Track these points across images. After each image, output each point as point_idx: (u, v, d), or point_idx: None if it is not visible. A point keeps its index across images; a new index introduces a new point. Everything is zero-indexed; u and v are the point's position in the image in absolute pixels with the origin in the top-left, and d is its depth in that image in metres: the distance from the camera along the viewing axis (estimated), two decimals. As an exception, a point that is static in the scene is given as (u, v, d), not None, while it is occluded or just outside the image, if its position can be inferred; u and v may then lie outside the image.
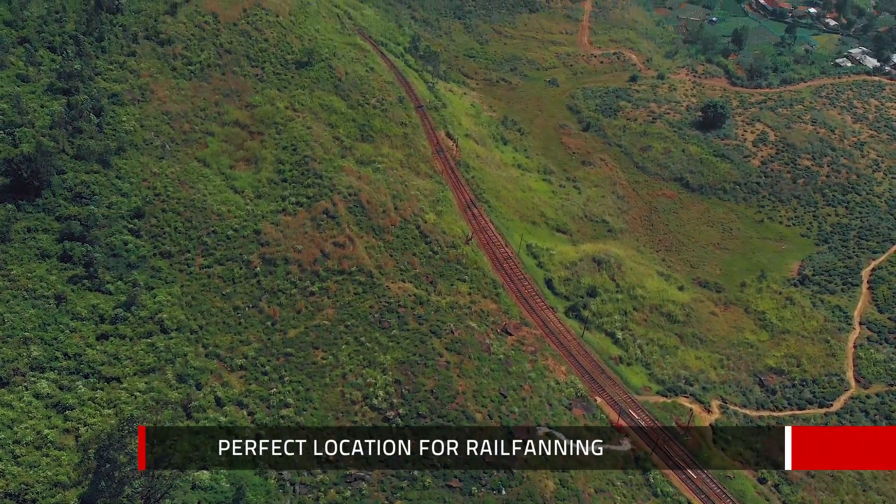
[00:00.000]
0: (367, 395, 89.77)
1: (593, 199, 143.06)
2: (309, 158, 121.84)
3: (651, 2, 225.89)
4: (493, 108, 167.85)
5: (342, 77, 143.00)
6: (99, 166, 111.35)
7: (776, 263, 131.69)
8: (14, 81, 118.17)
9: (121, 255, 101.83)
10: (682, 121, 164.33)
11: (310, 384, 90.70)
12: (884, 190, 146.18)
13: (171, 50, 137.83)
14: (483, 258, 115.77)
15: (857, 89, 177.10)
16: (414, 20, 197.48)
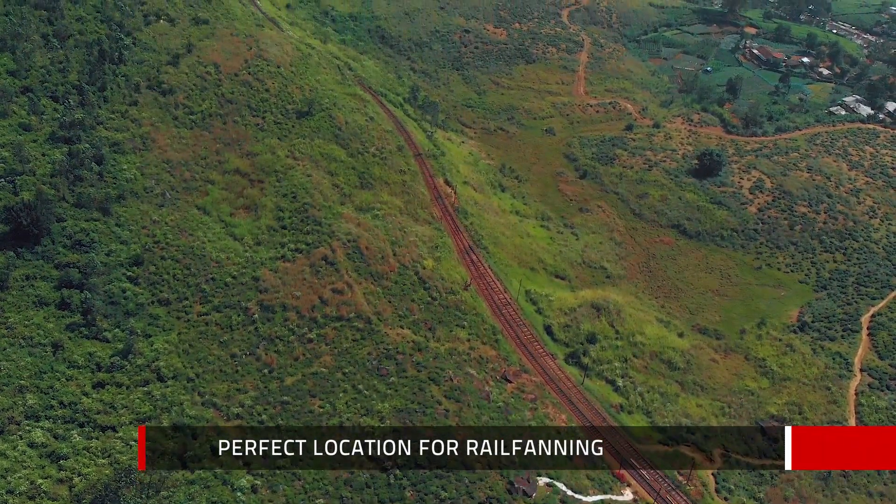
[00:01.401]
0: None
1: (591, 245, 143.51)
2: (308, 205, 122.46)
3: (646, 52, 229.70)
4: (491, 156, 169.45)
5: (342, 126, 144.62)
6: (99, 214, 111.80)
7: (775, 310, 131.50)
8: (16, 130, 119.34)
9: (119, 302, 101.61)
10: (679, 168, 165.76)
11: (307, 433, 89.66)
12: (881, 236, 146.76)
13: (172, 99, 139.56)
14: (482, 304, 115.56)
15: (851, 137, 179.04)
16: (413, 71, 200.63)
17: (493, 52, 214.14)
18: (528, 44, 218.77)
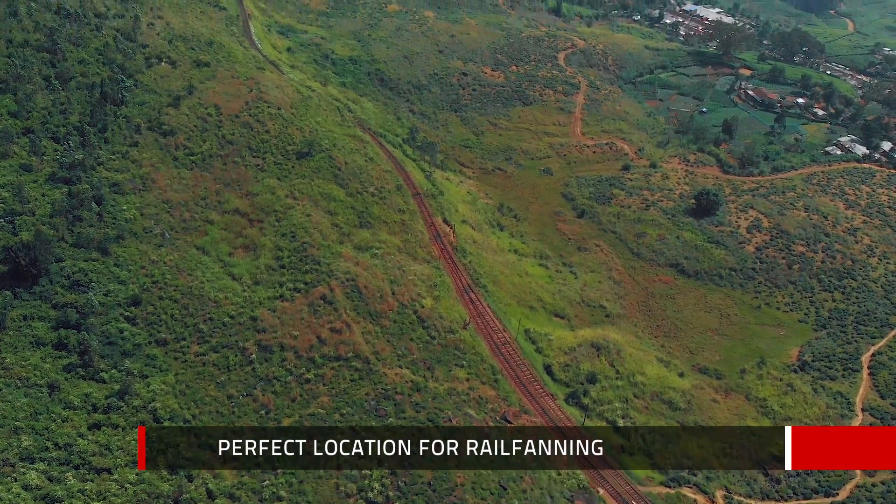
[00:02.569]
0: (362, 488, 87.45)
1: (590, 284, 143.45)
2: (307, 245, 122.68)
3: (642, 94, 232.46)
4: (489, 196, 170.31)
5: (342, 166, 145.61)
6: (98, 254, 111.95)
7: (775, 349, 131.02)
8: (17, 171, 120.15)
9: (116, 343, 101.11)
10: (676, 208, 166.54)
11: (303, 476, 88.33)
12: (879, 275, 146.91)
13: (173, 141, 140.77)
14: (481, 343, 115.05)
15: (847, 176, 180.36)
16: (412, 113, 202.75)
17: (491, 94, 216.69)
18: (526, 86, 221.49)
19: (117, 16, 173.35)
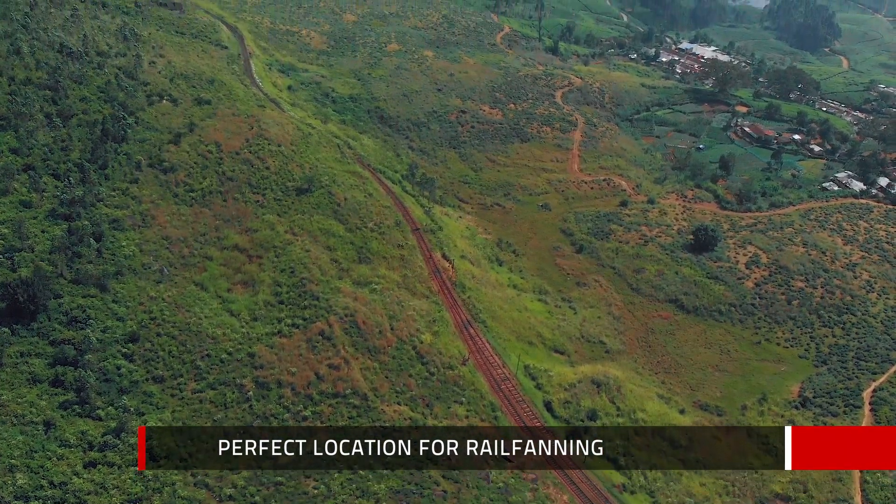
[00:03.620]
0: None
1: (589, 319, 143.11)
2: (306, 280, 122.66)
3: (639, 131, 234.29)
4: (488, 231, 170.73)
5: (341, 202, 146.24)
6: (96, 290, 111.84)
7: (776, 385, 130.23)
8: (16, 207, 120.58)
9: (113, 379, 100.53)
10: (674, 243, 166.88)
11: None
12: (879, 310, 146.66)
13: (173, 177, 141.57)
14: (480, 379, 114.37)
15: (845, 212, 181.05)
16: (411, 149, 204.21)
17: (489, 131, 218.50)
18: (523, 123, 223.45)
19: (119, 54, 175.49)
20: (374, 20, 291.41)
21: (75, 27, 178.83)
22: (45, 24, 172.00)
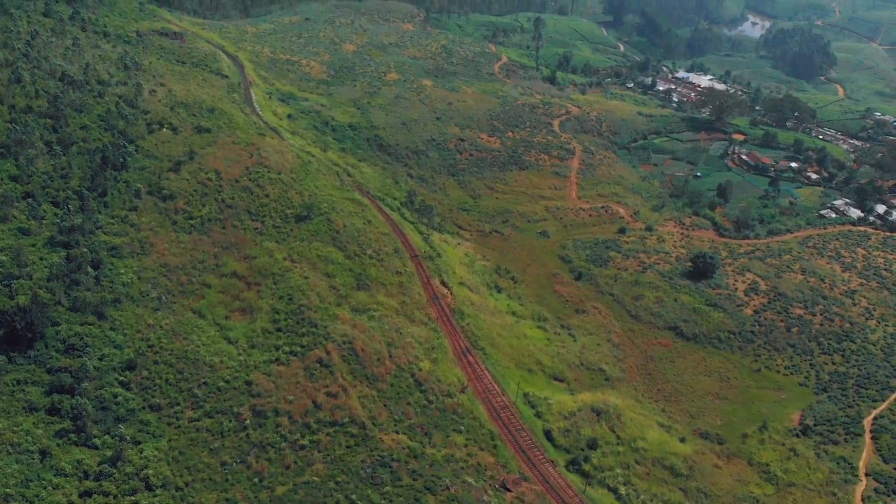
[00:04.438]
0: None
1: (589, 347, 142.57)
2: (305, 307, 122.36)
3: (636, 159, 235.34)
4: (487, 258, 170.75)
5: (340, 229, 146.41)
6: (94, 318, 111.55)
7: (776, 413, 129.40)
8: (16, 234, 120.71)
9: (110, 408, 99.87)
10: (673, 271, 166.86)
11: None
12: (878, 337, 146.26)
13: (172, 205, 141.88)
14: (479, 408, 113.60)
15: (843, 239, 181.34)
16: (410, 177, 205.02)
17: (488, 158, 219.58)
18: (521, 151, 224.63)
19: (120, 83, 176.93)
20: (374, 50, 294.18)
21: (76, 56, 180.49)
22: (47, 53, 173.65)
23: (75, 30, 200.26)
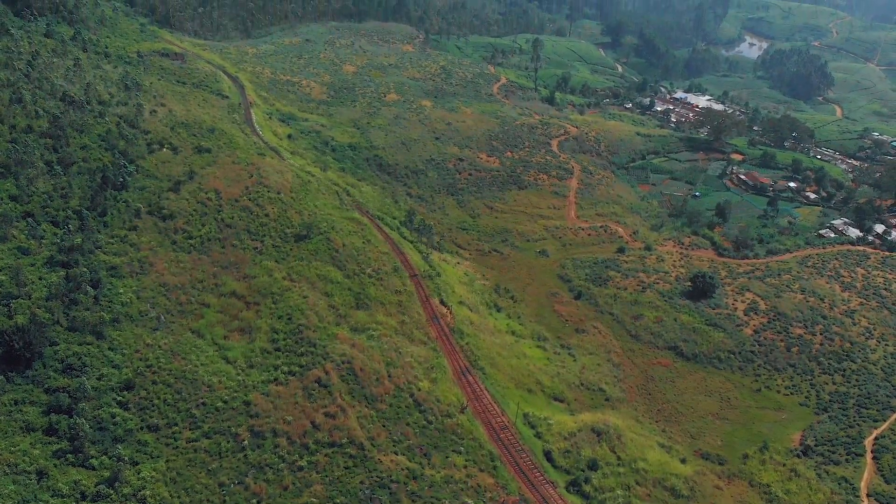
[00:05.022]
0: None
1: (589, 367, 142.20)
2: (303, 327, 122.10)
3: (635, 178, 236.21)
4: (486, 277, 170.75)
5: (339, 248, 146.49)
6: (92, 338, 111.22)
7: (777, 434, 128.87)
8: (14, 254, 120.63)
9: (107, 428, 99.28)
10: (672, 290, 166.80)
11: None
12: (878, 357, 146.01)
13: (172, 224, 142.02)
14: (479, 428, 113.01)
15: (842, 259, 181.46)
16: (409, 196, 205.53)
17: (487, 178, 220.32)
18: (520, 171, 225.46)
19: (121, 103, 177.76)
20: (374, 71, 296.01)
21: (77, 76, 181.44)
22: (48, 74, 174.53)
23: (77, 50, 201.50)
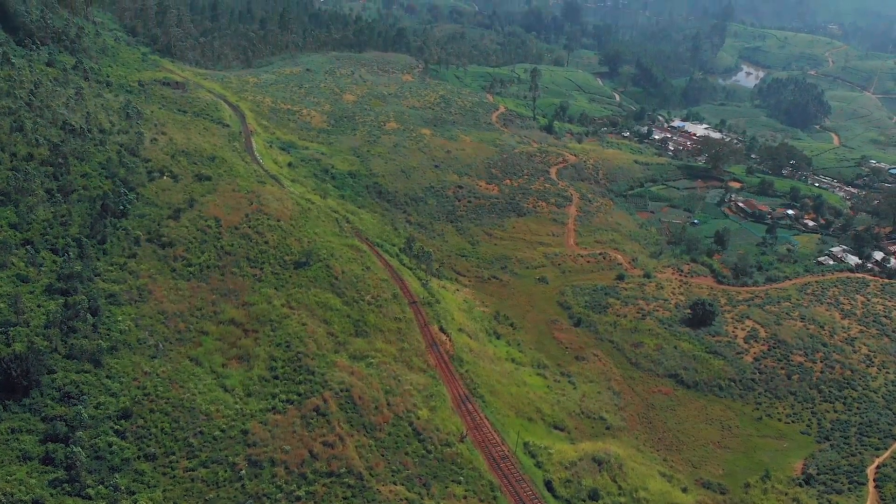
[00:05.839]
0: None
1: (589, 395, 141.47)
2: (302, 355, 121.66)
3: (633, 206, 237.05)
4: (486, 304, 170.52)
5: (339, 275, 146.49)
6: (90, 366, 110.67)
7: (779, 462, 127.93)
8: (13, 282, 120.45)
9: (105, 457, 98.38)
10: (672, 318, 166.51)
11: None
12: (879, 385, 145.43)
13: (171, 252, 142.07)
14: (479, 457, 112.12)
15: (841, 286, 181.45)
16: (409, 223, 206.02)
17: (486, 205, 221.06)
18: (519, 198, 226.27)
19: (122, 131, 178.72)
20: (374, 100, 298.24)
21: (79, 105, 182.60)
22: (49, 102, 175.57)
23: (78, 79, 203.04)
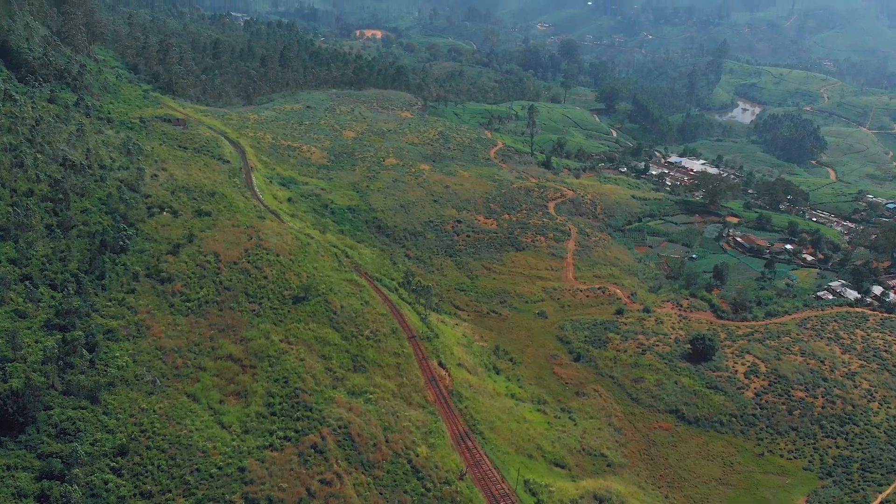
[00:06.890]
0: None
1: (590, 431, 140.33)
2: (300, 391, 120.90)
3: (631, 241, 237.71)
4: (485, 339, 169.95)
5: (337, 310, 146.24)
6: (87, 402, 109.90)
7: (781, 499, 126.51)
8: (11, 317, 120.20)
9: (100, 495, 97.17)
10: (672, 353, 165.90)
11: None
12: (881, 420, 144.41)
13: (170, 287, 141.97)
14: (479, 495, 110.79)
15: (841, 320, 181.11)
16: (407, 258, 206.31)
17: (485, 240, 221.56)
18: (518, 233, 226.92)
19: (122, 167, 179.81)
20: (373, 136, 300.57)
21: (80, 141, 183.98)
22: (51, 138, 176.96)
23: (79, 116, 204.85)
